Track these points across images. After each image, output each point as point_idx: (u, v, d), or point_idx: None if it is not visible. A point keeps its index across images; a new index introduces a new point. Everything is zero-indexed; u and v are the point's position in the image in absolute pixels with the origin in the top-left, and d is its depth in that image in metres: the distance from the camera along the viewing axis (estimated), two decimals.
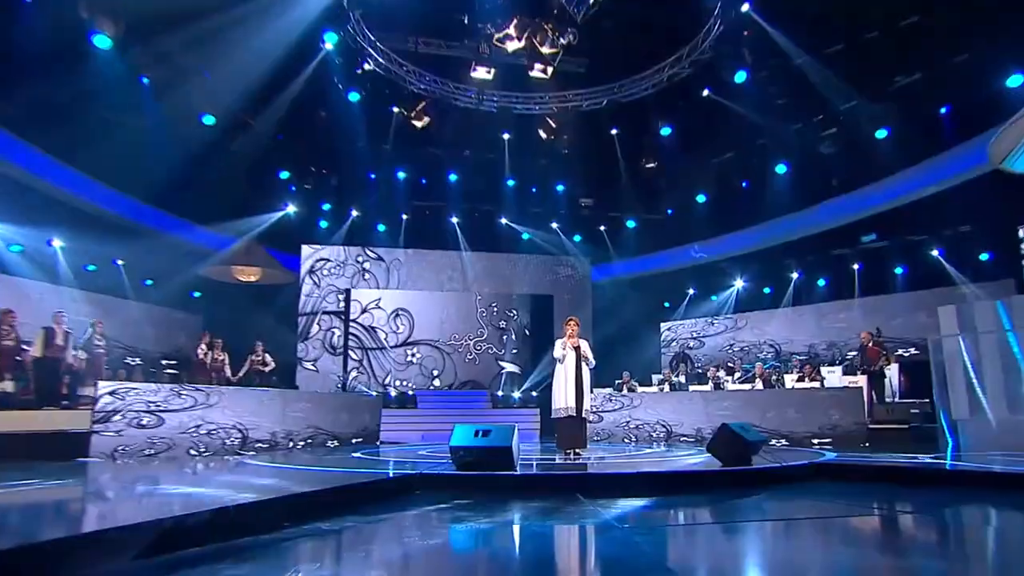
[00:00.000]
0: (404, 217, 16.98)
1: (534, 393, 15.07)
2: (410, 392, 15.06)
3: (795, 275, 15.91)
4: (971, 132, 10.63)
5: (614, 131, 14.43)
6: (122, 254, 13.31)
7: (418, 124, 13.79)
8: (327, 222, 16.65)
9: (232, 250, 14.04)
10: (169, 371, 11.58)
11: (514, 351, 16.35)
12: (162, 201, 12.91)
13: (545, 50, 11.69)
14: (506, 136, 14.98)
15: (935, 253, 13.18)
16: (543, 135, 14.56)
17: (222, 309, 13.80)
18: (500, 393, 15.43)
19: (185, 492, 4.62)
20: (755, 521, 3.95)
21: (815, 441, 9.20)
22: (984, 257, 12.64)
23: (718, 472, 5.31)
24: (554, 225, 17.77)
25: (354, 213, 16.49)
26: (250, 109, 11.83)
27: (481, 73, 12.54)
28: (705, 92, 12.59)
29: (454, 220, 16.96)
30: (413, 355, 15.86)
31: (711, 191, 15.74)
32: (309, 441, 9.60)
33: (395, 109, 14.02)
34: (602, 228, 17.95)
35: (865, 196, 13.10)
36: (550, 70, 12.33)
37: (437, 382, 15.98)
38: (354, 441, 10.44)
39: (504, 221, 17.47)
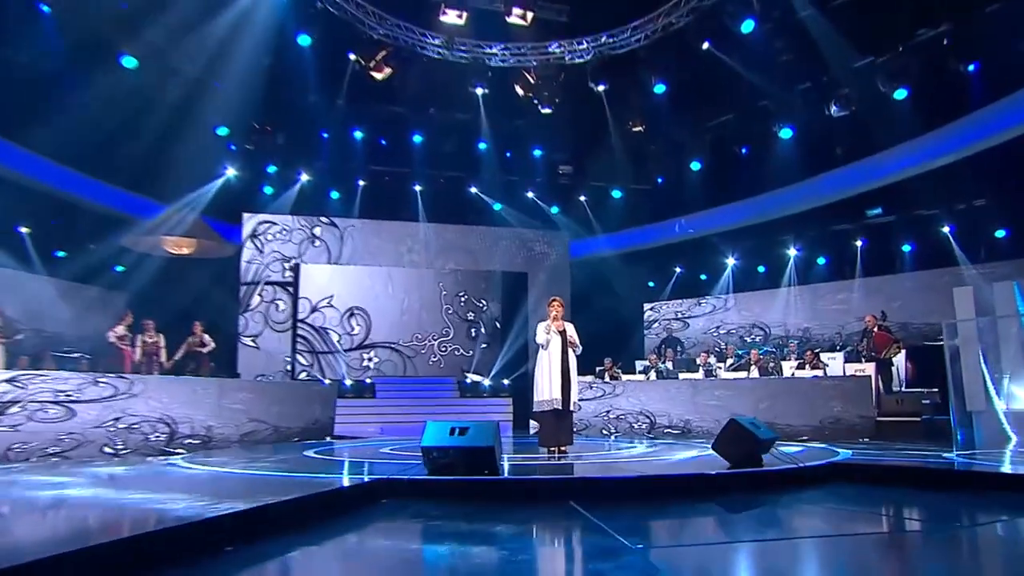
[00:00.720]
0: (361, 183, 16.32)
1: (505, 381, 14.71)
2: (367, 380, 14.53)
3: (793, 252, 15.77)
4: (1002, 92, 10.44)
5: (601, 87, 13.85)
6: (26, 221, 12.35)
7: (378, 76, 13.11)
8: (272, 187, 15.89)
9: (162, 218, 13.20)
10: (85, 356, 10.82)
11: (483, 346, 15.85)
12: (75, 160, 11.98)
13: None
14: (479, 91, 14.27)
15: (945, 229, 13.15)
16: (520, 92, 14.01)
17: (149, 285, 13.02)
18: (469, 380, 15.00)
19: (91, 507, 4.08)
20: (787, 539, 3.72)
21: (804, 436, 9.02)
22: (1000, 234, 12.64)
23: (730, 475, 5.05)
24: (530, 194, 17.30)
25: (303, 177, 15.75)
26: (182, 50, 10.95)
27: (451, 17, 12.03)
28: (705, 45, 12.13)
29: (417, 188, 16.35)
30: (370, 359, 15.21)
31: (706, 158, 15.40)
32: (249, 437, 9.06)
33: (352, 57, 13.25)
34: (583, 198, 17.55)
35: (875, 165, 12.94)
36: (530, 16, 11.81)
37: None
38: (295, 439, 9.86)
39: (474, 190, 16.93)
